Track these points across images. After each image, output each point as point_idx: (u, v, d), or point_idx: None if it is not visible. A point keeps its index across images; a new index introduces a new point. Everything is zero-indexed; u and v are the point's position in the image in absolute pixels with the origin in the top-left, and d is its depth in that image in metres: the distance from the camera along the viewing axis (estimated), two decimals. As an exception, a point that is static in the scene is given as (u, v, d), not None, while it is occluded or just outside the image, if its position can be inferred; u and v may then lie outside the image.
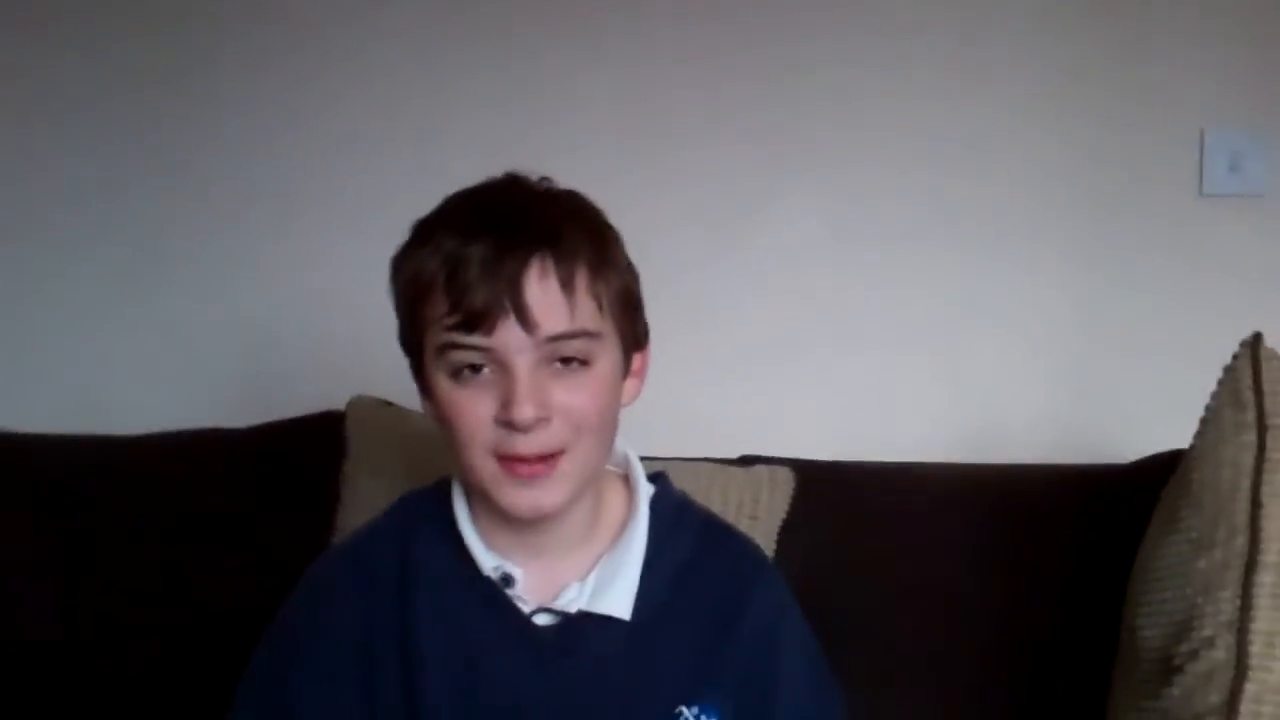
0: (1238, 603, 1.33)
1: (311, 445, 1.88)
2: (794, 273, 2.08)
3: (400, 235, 1.22)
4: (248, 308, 2.17)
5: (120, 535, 1.89)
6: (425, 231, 1.20)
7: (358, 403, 1.86)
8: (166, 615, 1.84)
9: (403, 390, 1.32)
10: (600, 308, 1.18)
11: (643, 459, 1.36)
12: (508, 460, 1.16)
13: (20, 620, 1.86)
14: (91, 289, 2.19)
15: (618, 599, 1.24)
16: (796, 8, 2.06)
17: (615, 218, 1.25)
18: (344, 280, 1.98)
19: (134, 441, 1.97)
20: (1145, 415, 1.91)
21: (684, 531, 1.31)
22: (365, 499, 1.72)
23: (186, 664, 1.81)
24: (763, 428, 1.96)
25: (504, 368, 1.15)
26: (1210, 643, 1.33)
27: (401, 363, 1.26)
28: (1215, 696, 1.31)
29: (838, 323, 2.07)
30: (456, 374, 1.17)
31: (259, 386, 2.09)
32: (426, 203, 1.23)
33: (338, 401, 1.88)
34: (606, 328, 1.19)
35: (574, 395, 1.17)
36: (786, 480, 1.78)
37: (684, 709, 1.23)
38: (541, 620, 1.25)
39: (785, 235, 2.07)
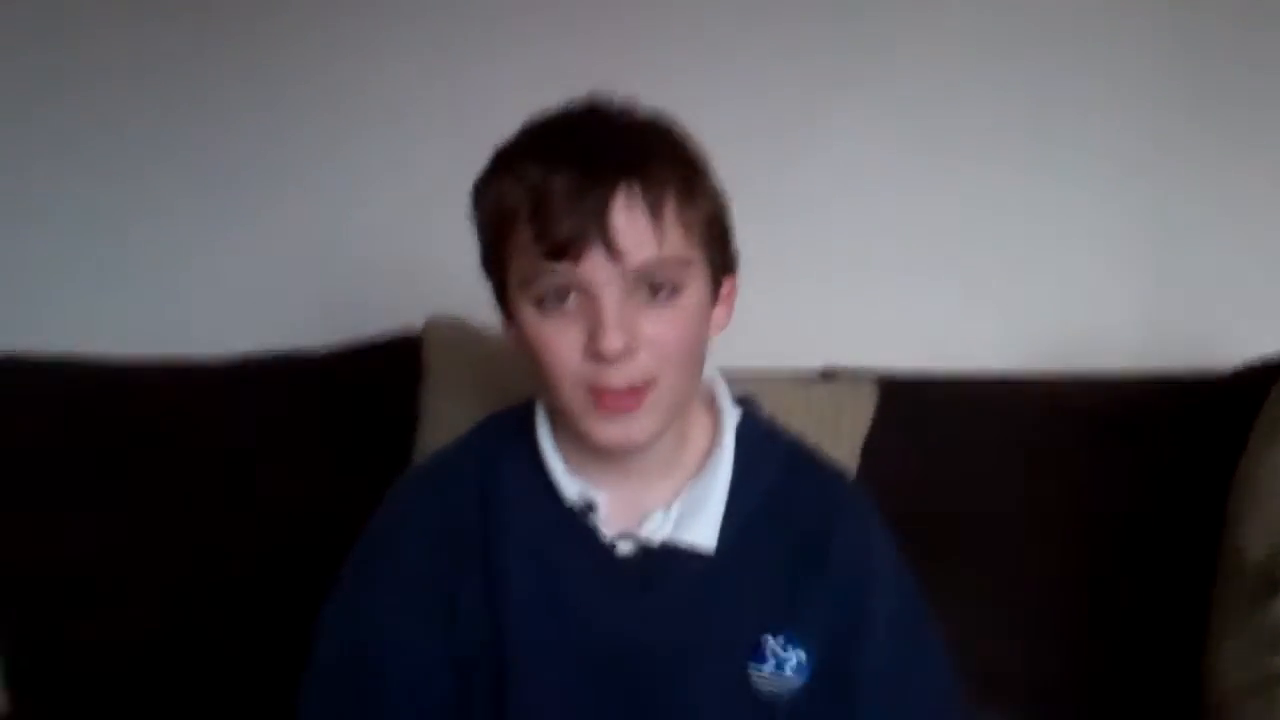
0: (1346, 514, 1.31)
1: (389, 367, 1.88)
2: (874, 180, 2.03)
3: (472, 152, 1.19)
4: (321, 229, 2.15)
5: (196, 461, 1.90)
6: (507, 160, 1.17)
7: (434, 323, 1.85)
8: (244, 543, 1.85)
9: (479, 310, 1.30)
10: (688, 235, 1.15)
11: (722, 371, 1.34)
12: (597, 392, 1.15)
13: (91, 551, 1.86)
14: (167, 215, 2.18)
15: (701, 529, 1.23)
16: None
17: (686, 126, 1.21)
18: (418, 199, 1.97)
19: (209, 366, 1.98)
20: (1244, 320, 1.87)
21: (770, 459, 1.29)
22: (444, 420, 1.72)
23: (265, 593, 1.81)
24: (843, 336, 1.94)
25: (591, 297, 1.12)
26: (1316, 557, 1.31)
27: (478, 282, 1.24)
28: (1322, 609, 1.29)
29: (917, 229, 2.02)
30: (541, 304, 1.15)
31: (335, 308, 2.08)
32: (498, 120, 1.19)
33: (414, 322, 1.87)
34: (695, 255, 1.17)
35: (662, 326, 1.15)
36: (869, 394, 1.76)
37: (769, 638, 1.22)
38: (624, 548, 1.24)
39: (861, 142, 2.02)
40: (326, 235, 2.15)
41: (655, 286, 1.14)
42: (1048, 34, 1.98)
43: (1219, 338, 1.82)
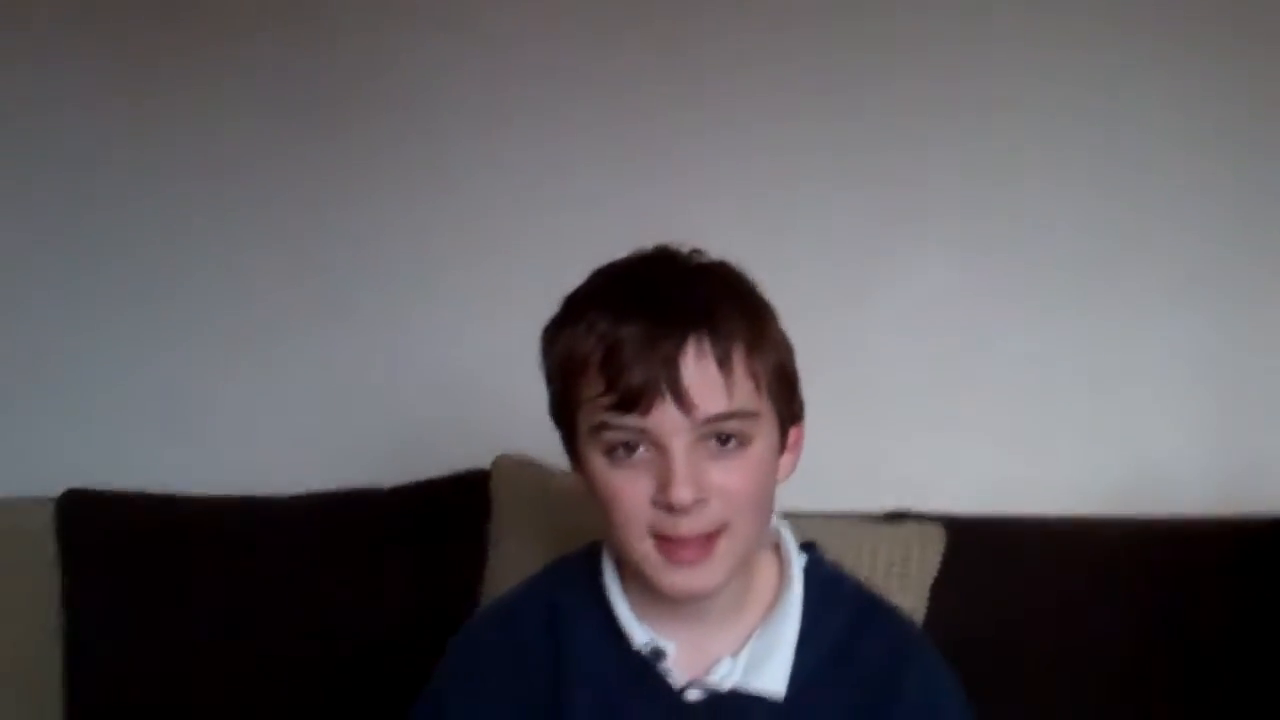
0: None
1: (457, 505, 1.91)
2: (941, 319, 2.03)
3: (551, 293, 1.21)
4: (393, 368, 2.19)
5: (269, 598, 1.93)
6: (577, 309, 1.18)
7: (503, 461, 1.87)
8: (315, 680, 1.87)
9: (547, 449, 1.31)
10: (757, 386, 1.16)
11: (788, 513, 1.34)
12: (665, 541, 1.15)
13: (169, 687, 1.89)
14: (240, 350, 2.23)
15: (772, 676, 1.22)
16: (929, 52, 2.02)
17: (756, 273, 1.23)
18: (487, 340, 2.00)
19: (281, 503, 2.01)
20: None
21: (838, 605, 1.28)
22: (511, 559, 1.74)
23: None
24: (911, 479, 1.93)
25: (660, 448, 1.13)
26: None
27: (545, 420, 1.24)
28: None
29: (986, 370, 2.01)
30: (611, 453, 1.16)
31: (404, 447, 2.11)
32: (567, 264, 1.21)
33: (483, 461, 1.89)
34: (764, 406, 1.17)
35: (731, 476, 1.15)
36: (937, 537, 1.75)
37: None
38: (693, 696, 1.23)
39: (930, 280, 2.03)
40: (401, 372, 2.18)
41: (724, 437, 1.15)
42: (1119, 178, 1.98)
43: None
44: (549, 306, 1.22)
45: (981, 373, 2.01)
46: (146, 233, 2.25)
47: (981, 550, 1.75)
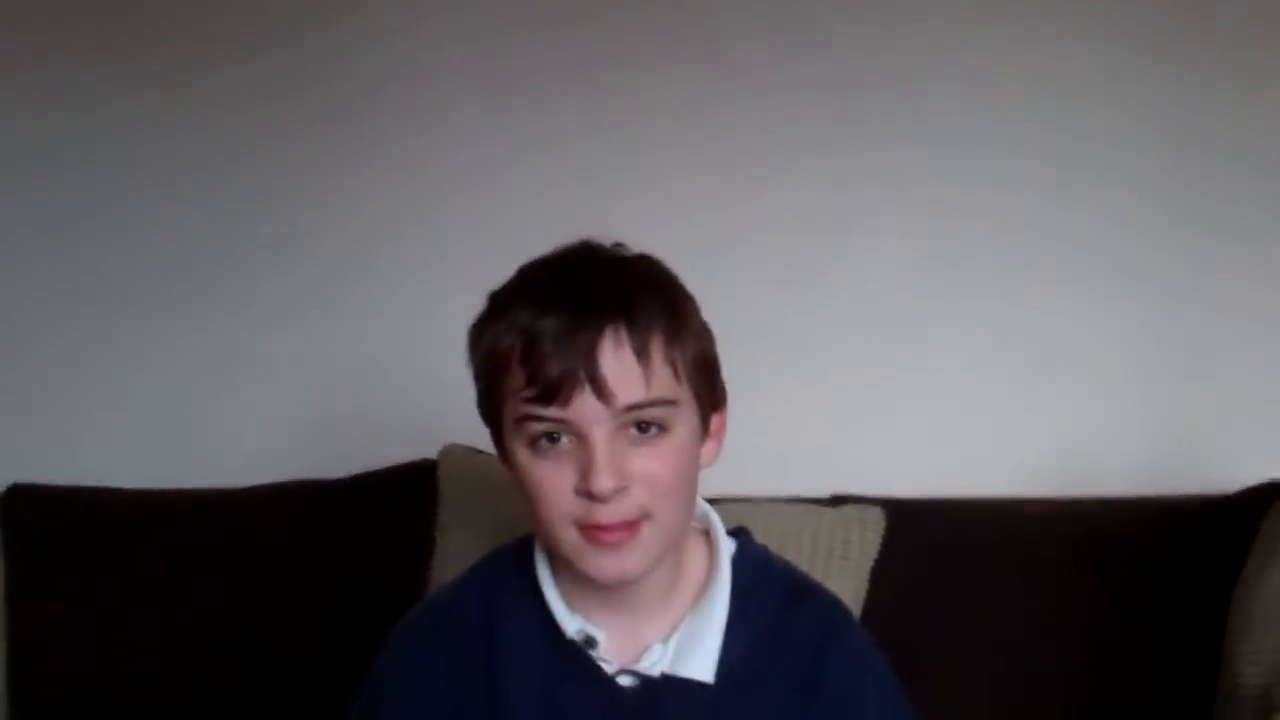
0: (1339, 644, 1.31)
1: (405, 495, 1.92)
2: (879, 306, 2.06)
3: (489, 279, 1.22)
4: (338, 360, 2.20)
5: (213, 588, 1.95)
6: (500, 305, 1.20)
7: (450, 451, 1.89)
8: (264, 670, 1.89)
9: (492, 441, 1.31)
10: (676, 374, 1.18)
11: (733, 499, 1.36)
12: (590, 529, 1.17)
13: (117, 676, 1.91)
14: (186, 346, 2.24)
15: (701, 662, 1.24)
16: (874, 44, 2.05)
17: (696, 254, 1.25)
18: (434, 330, 2.00)
19: (226, 494, 2.03)
20: (1244, 445, 1.87)
21: (766, 590, 1.30)
22: (458, 546, 1.76)
23: (285, 714, 1.85)
24: (852, 463, 1.96)
25: (582, 438, 1.15)
26: (1312, 684, 1.31)
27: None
28: (1318, 740, 1.29)
29: (925, 356, 2.04)
30: (535, 445, 1.17)
31: (351, 437, 2.12)
32: (511, 246, 1.22)
33: (430, 451, 1.91)
34: (683, 394, 1.19)
35: (652, 463, 1.17)
36: (877, 520, 1.78)
37: None
38: (624, 682, 1.25)
39: (870, 268, 2.06)
40: (349, 364, 2.20)
41: (643, 425, 1.16)
42: (1058, 165, 2.01)
43: (1221, 461, 1.83)
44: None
45: (920, 358, 2.05)
46: (79, 232, 2.26)
47: (921, 532, 1.78)
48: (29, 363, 2.28)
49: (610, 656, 1.25)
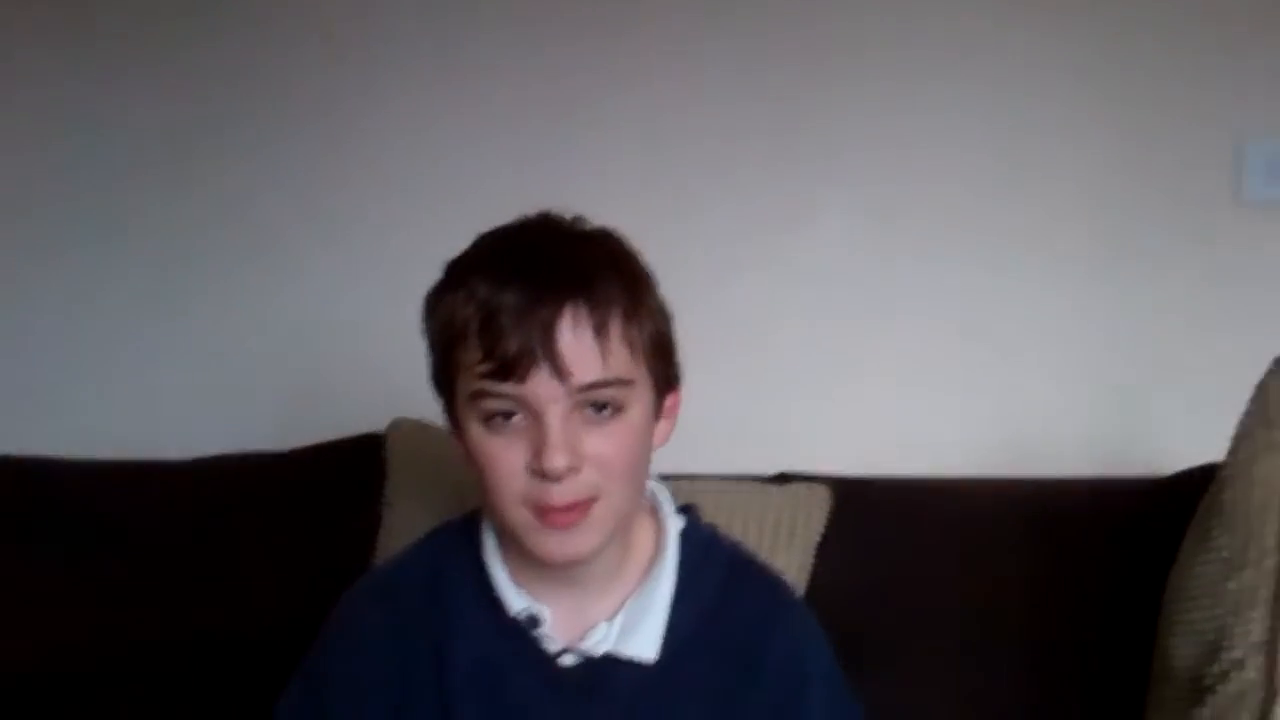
0: (1268, 623, 1.33)
1: (352, 468, 1.91)
2: (827, 286, 2.09)
3: (438, 253, 1.22)
4: (286, 331, 2.21)
5: (159, 562, 1.93)
6: (458, 274, 1.19)
7: (398, 425, 1.89)
8: (204, 644, 1.87)
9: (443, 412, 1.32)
10: (633, 354, 1.18)
11: (680, 476, 1.36)
12: (540, 508, 1.16)
13: (55, 652, 1.88)
14: (127, 315, 2.24)
15: (644, 641, 1.25)
16: (823, 24, 2.07)
17: (648, 234, 1.25)
18: (382, 302, 2.00)
19: (172, 467, 2.01)
20: (1181, 428, 1.90)
21: (712, 568, 1.30)
22: (405, 520, 1.75)
23: (224, 692, 1.83)
24: (799, 442, 1.98)
25: (536, 416, 1.14)
26: (1240, 664, 1.34)
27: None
28: (1246, 717, 1.32)
29: (870, 337, 2.08)
30: (488, 420, 1.17)
31: (299, 410, 2.12)
32: (461, 222, 1.22)
33: (379, 425, 1.91)
34: (639, 373, 1.19)
35: (606, 444, 1.17)
36: (823, 498, 1.79)
37: None
38: (567, 661, 1.25)
39: (817, 250, 2.09)
40: (296, 336, 2.20)
41: (599, 405, 1.16)
42: (999, 152, 2.06)
43: (1162, 444, 1.86)
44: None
45: (866, 339, 2.08)
46: (18, 194, 2.25)
47: (866, 511, 1.79)
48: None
49: (555, 634, 1.26)
